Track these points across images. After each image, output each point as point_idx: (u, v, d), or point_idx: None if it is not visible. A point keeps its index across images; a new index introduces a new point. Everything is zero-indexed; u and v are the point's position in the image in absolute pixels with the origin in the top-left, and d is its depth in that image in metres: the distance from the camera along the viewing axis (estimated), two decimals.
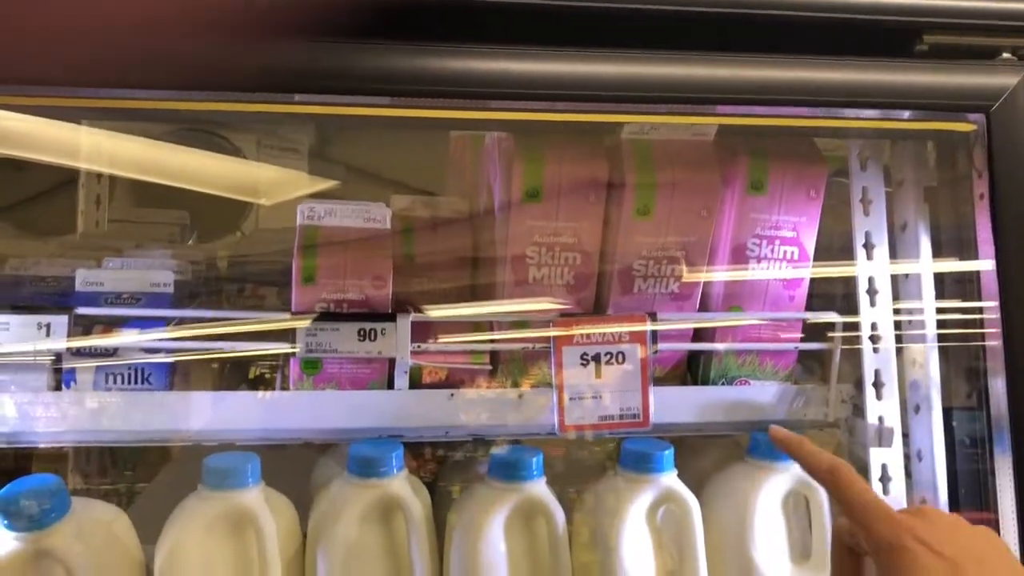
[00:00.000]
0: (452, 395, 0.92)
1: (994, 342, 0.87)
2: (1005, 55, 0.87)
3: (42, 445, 0.91)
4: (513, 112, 0.83)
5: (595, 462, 1.11)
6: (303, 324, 0.90)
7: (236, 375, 1.05)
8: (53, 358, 0.86)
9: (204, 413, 0.88)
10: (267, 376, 1.06)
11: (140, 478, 1.33)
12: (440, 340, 0.94)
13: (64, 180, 1.57)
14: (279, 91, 0.81)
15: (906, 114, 0.87)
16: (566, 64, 0.82)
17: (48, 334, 0.84)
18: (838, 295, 1.02)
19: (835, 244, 1.02)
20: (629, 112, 0.85)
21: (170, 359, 0.90)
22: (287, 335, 0.91)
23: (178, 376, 0.93)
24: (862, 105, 0.85)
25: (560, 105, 0.83)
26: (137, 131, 1.22)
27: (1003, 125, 0.84)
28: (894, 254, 0.99)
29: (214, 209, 1.56)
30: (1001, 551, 0.60)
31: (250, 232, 1.64)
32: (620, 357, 0.92)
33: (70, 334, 0.85)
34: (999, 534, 0.87)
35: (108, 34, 0.74)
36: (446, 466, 1.10)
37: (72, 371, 0.86)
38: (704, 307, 0.98)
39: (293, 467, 1.04)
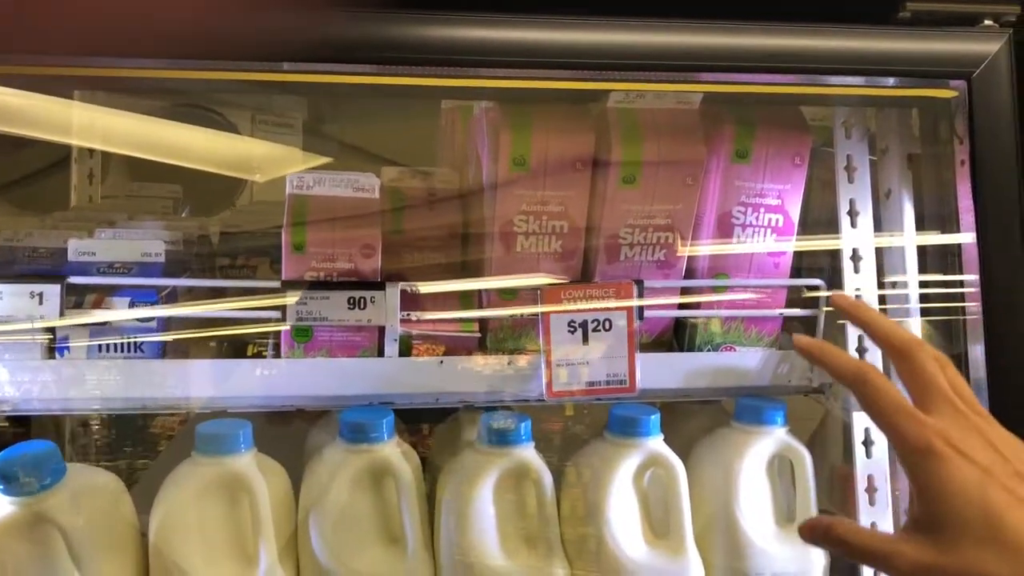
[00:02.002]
0: (442, 362, 0.93)
1: (974, 312, 0.88)
2: (986, 22, 0.87)
3: (35, 414, 0.92)
4: (500, 80, 0.84)
5: (592, 436, 1.13)
6: (293, 294, 0.91)
7: (233, 354, 1.05)
8: (47, 327, 0.87)
9: (196, 381, 0.89)
10: (264, 354, 1.07)
11: (139, 454, 1.35)
12: (431, 309, 0.95)
13: (59, 158, 1.57)
14: (266, 59, 0.81)
15: (890, 81, 0.88)
16: (552, 32, 0.83)
17: (41, 303, 0.85)
18: (825, 268, 1.03)
19: (822, 218, 1.03)
20: (615, 80, 0.86)
21: (162, 337, 0.91)
22: (278, 304, 0.92)
23: (174, 352, 0.94)
24: (846, 72, 0.85)
25: (546, 73, 0.84)
26: (131, 107, 1.22)
27: (984, 91, 0.85)
28: (878, 222, 1.00)
29: (208, 184, 1.57)
30: None
31: (241, 206, 1.65)
32: (607, 324, 0.94)
33: (62, 303, 0.86)
34: None
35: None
36: (440, 440, 1.12)
37: (65, 339, 0.87)
38: (690, 274, 0.99)
39: (286, 435, 1.06)
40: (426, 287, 0.95)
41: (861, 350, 0.98)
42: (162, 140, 1.33)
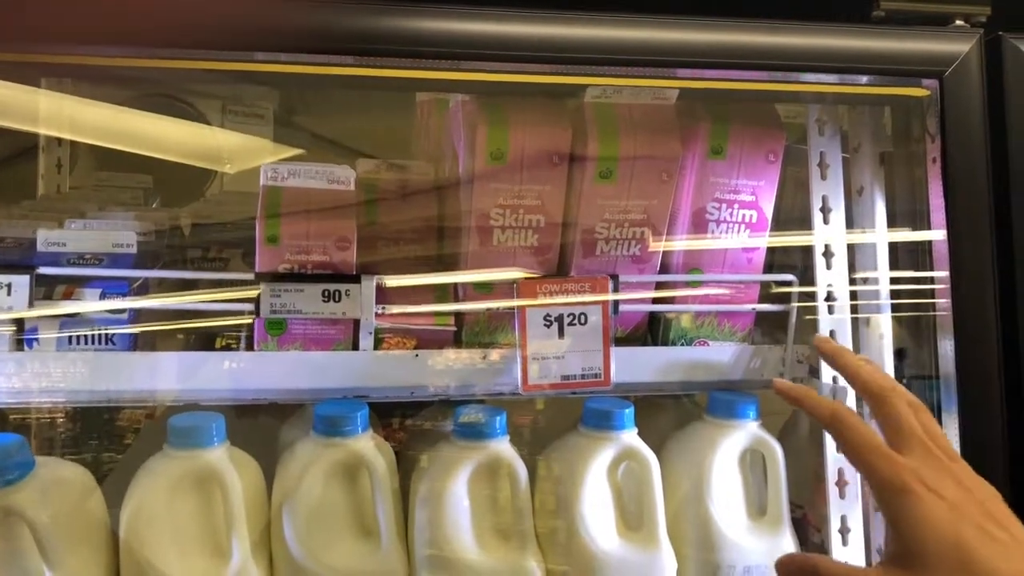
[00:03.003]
0: (417, 355, 0.93)
1: (943, 307, 0.90)
2: (958, 22, 0.89)
3: (2, 406, 0.91)
4: (477, 73, 0.84)
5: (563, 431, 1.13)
6: (266, 287, 0.90)
7: (201, 347, 1.04)
8: (15, 318, 0.85)
9: (168, 373, 0.88)
10: (233, 347, 1.06)
11: (105, 448, 1.33)
12: (407, 303, 0.95)
13: (25, 146, 1.55)
14: (240, 49, 0.80)
15: (863, 79, 0.89)
16: (529, 26, 0.83)
17: (9, 293, 0.84)
18: (797, 264, 1.04)
19: (795, 215, 1.04)
20: (592, 75, 0.86)
21: (132, 329, 0.90)
22: (251, 297, 0.91)
23: (145, 344, 0.93)
24: (821, 69, 0.86)
25: (523, 67, 0.84)
26: (100, 96, 1.20)
27: (955, 90, 0.87)
28: (850, 218, 1.01)
29: (177, 174, 1.55)
30: (994, 494, 0.61)
31: (211, 196, 1.63)
32: (582, 318, 0.94)
33: (32, 294, 0.85)
34: None
35: None
36: (414, 435, 1.11)
37: (34, 331, 0.86)
38: (664, 269, 1.00)
39: (259, 430, 1.05)
40: (402, 280, 0.94)
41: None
42: (131, 130, 1.32)
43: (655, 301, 1.00)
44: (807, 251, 1.02)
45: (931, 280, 0.91)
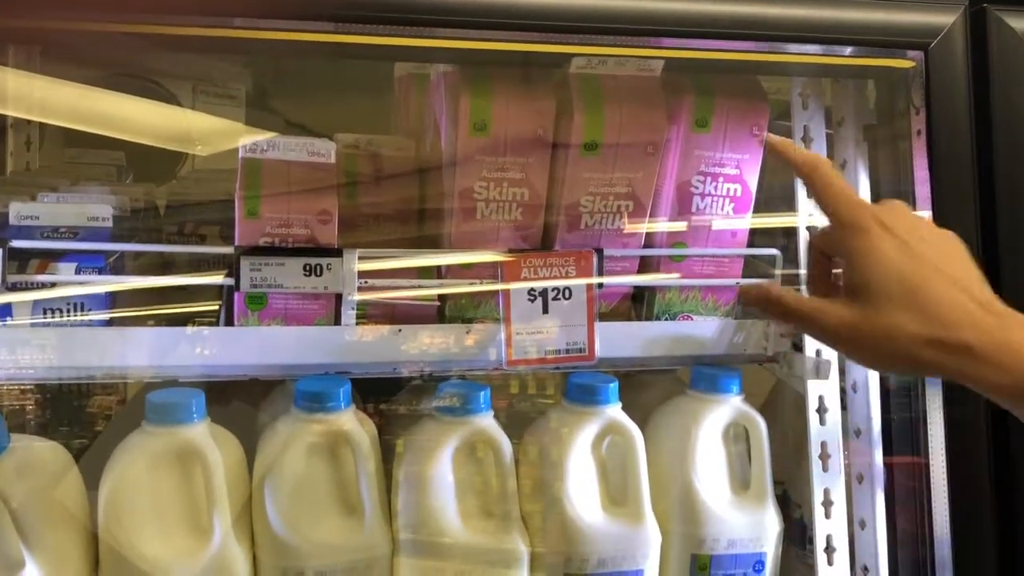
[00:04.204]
0: (400, 331, 0.92)
1: None
2: None
3: None
4: (459, 41, 0.83)
5: (538, 414, 1.12)
6: (245, 259, 0.88)
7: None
8: None
9: (147, 348, 0.86)
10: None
11: (77, 434, 1.30)
12: (389, 278, 0.94)
13: None
14: (219, 14, 0.78)
15: (848, 50, 0.88)
16: None
17: None
18: (779, 245, 1.04)
19: (778, 193, 1.04)
20: (577, 43, 0.85)
21: (110, 314, 0.88)
22: (230, 271, 0.89)
23: (121, 318, 0.91)
24: (806, 40, 0.86)
25: (507, 35, 0.83)
26: (67, 75, 1.17)
27: (940, 62, 0.87)
28: None
29: (149, 152, 1.52)
30: (958, 246, 0.63)
31: (186, 174, 1.60)
32: (567, 293, 0.93)
33: (4, 268, 0.83)
34: (930, 465, 0.91)
35: None
36: (396, 413, 1.10)
37: (8, 306, 0.84)
38: (649, 243, 0.99)
39: (238, 406, 1.04)
40: (385, 260, 0.93)
41: None
42: (101, 110, 1.29)
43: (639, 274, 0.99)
44: (790, 232, 1.02)
45: None
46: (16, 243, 0.84)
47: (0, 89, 1.10)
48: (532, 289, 0.93)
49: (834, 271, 0.68)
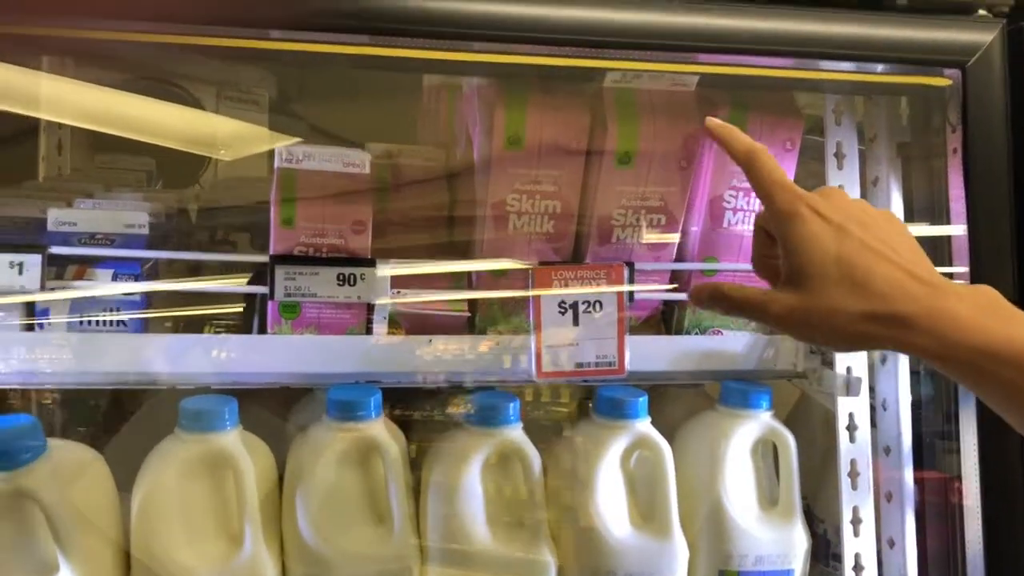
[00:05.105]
0: (430, 341, 0.92)
1: None
2: (981, 12, 0.88)
3: (14, 387, 0.89)
4: (496, 55, 0.83)
5: (551, 422, 1.12)
6: (280, 269, 0.89)
7: (186, 331, 1.03)
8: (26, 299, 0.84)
9: (181, 355, 0.87)
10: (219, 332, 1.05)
11: (110, 425, 1.31)
12: (420, 287, 0.94)
13: (23, 128, 1.52)
14: (254, 26, 0.79)
15: (883, 67, 0.88)
16: (550, 8, 0.82)
17: (21, 273, 0.83)
18: None
19: None
20: (612, 59, 0.85)
21: (147, 314, 0.89)
22: (263, 279, 0.90)
23: (156, 326, 0.92)
24: (842, 57, 0.86)
25: (543, 49, 0.83)
26: (95, 79, 1.18)
27: (978, 81, 0.86)
28: None
29: (176, 158, 1.53)
30: (894, 224, 0.65)
31: (210, 183, 1.61)
32: (597, 306, 0.93)
33: (44, 274, 0.83)
34: (962, 483, 0.90)
35: None
36: (425, 421, 1.10)
37: (46, 311, 0.85)
38: (680, 258, 0.99)
39: (268, 413, 1.04)
40: (418, 266, 0.93)
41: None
42: (126, 114, 1.30)
43: (670, 288, 0.99)
44: None
45: (951, 276, 0.90)
46: (55, 249, 0.84)
47: (33, 92, 1.11)
48: (563, 301, 0.93)
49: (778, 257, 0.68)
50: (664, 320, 1.03)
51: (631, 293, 0.95)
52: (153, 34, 0.80)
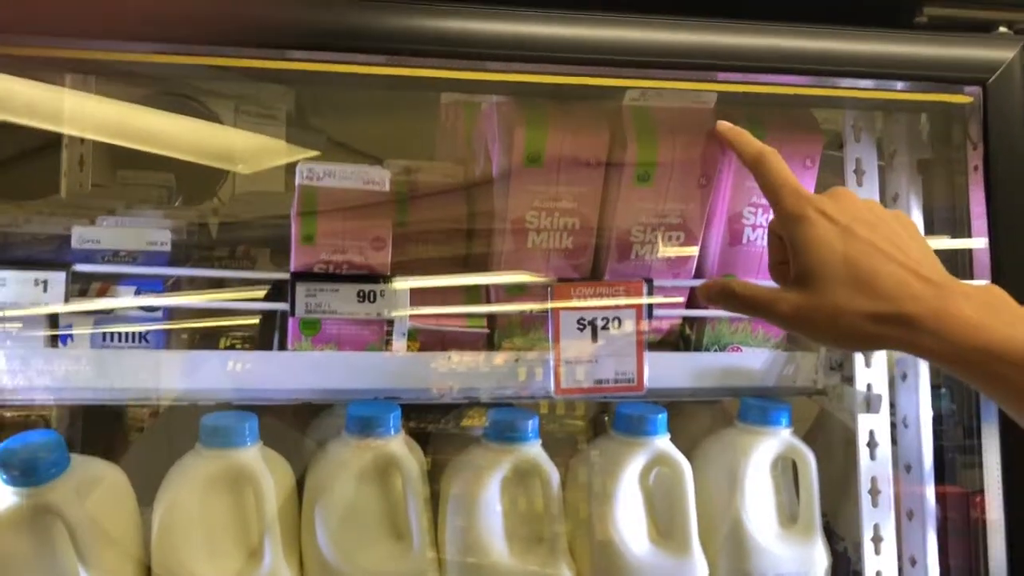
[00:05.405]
0: (449, 356, 0.92)
1: None
2: (1002, 29, 0.88)
3: (38, 402, 0.90)
4: (516, 74, 0.83)
5: (565, 435, 1.12)
6: (301, 285, 0.90)
7: (205, 347, 1.04)
8: (50, 315, 0.85)
9: (201, 372, 0.88)
10: (237, 347, 1.05)
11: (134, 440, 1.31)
12: (439, 304, 0.95)
13: (45, 143, 1.54)
14: (274, 47, 0.80)
15: (904, 85, 0.88)
16: (569, 27, 0.82)
17: (45, 290, 0.84)
18: None
19: None
20: (631, 77, 0.86)
21: (166, 325, 0.90)
22: (283, 294, 0.90)
23: (173, 336, 0.92)
24: (862, 75, 0.86)
25: (562, 68, 0.84)
26: (110, 94, 1.20)
27: (999, 98, 0.86)
28: None
29: (195, 173, 1.54)
30: (905, 223, 0.64)
31: (228, 197, 1.63)
32: (616, 322, 0.93)
33: (67, 290, 0.84)
34: (984, 497, 0.89)
35: None
36: (441, 436, 1.11)
37: (69, 328, 0.86)
38: (699, 274, 0.99)
39: (287, 428, 1.05)
40: (436, 281, 0.94)
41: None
42: (145, 128, 1.31)
43: (689, 306, 0.99)
44: None
45: None
46: (80, 267, 0.85)
47: (56, 107, 1.12)
48: (582, 318, 0.93)
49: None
50: (683, 336, 1.03)
51: (650, 309, 0.94)
52: (171, 55, 0.81)
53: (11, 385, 0.82)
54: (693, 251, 0.97)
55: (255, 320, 1.00)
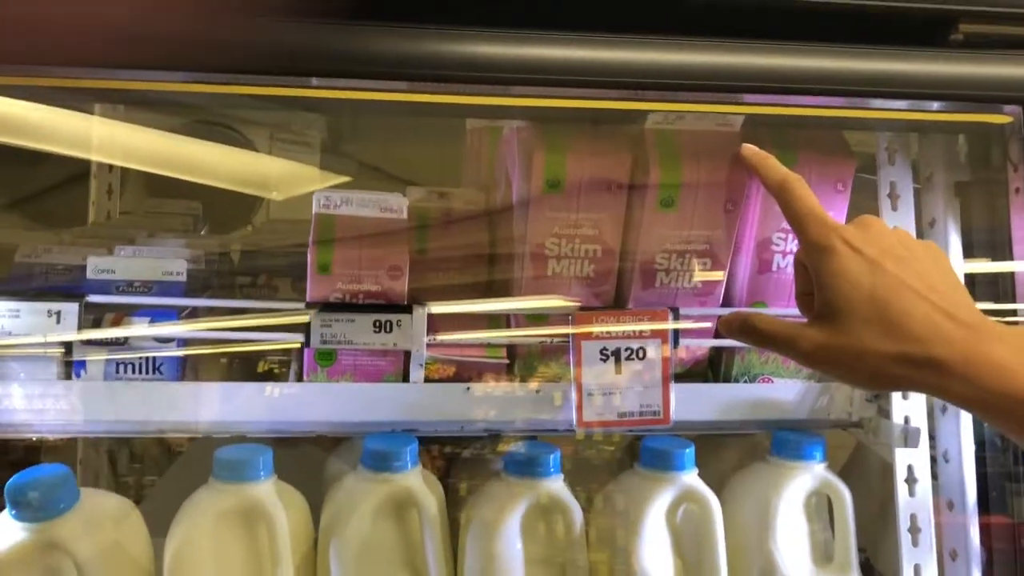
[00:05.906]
0: (468, 388, 0.90)
1: None
2: None
3: (51, 436, 0.89)
4: (536, 99, 0.81)
5: (602, 461, 1.09)
6: (316, 316, 0.88)
7: (244, 370, 1.03)
8: (63, 347, 0.84)
9: (216, 405, 0.86)
10: (276, 371, 1.04)
11: (148, 471, 1.31)
12: (457, 333, 0.92)
13: (77, 173, 1.55)
14: (297, 74, 0.79)
15: (940, 105, 0.84)
16: (590, 50, 0.80)
17: (58, 322, 0.83)
18: None
19: None
20: (654, 100, 0.83)
21: (181, 352, 0.88)
22: (301, 326, 0.89)
23: (188, 369, 0.91)
24: (896, 96, 0.82)
25: (583, 92, 0.81)
26: (147, 122, 1.20)
27: None
28: None
29: (226, 201, 1.55)
30: (936, 257, 0.62)
31: (261, 224, 1.63)
32: (641, 353, 0.90)
33: (80, 322, 0.83)
34: None
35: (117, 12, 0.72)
36: (456, 463, 1.08)
37: (82, 360, 0.84)
38: (727, 303, 0.96)
39: (302, 460, 1.03)
40: (454, 310, 0.92)
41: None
42: (180, 156, 1.31)
43: (717, 336, 0.96)
44: None
45: (1013, 312, 0.86)
46: (92, 298, 0.84)
47: (85, 135, 1.13)
48: (604, 348, 0.90)
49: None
50: (711, 366, 0.99)
51: (676, 339, 0.91)
52: (196, 84, 0.81)
53: (21, 418, 0.81)
54: (720, 277, 0.94)
55: (282, 345, 0.98)
